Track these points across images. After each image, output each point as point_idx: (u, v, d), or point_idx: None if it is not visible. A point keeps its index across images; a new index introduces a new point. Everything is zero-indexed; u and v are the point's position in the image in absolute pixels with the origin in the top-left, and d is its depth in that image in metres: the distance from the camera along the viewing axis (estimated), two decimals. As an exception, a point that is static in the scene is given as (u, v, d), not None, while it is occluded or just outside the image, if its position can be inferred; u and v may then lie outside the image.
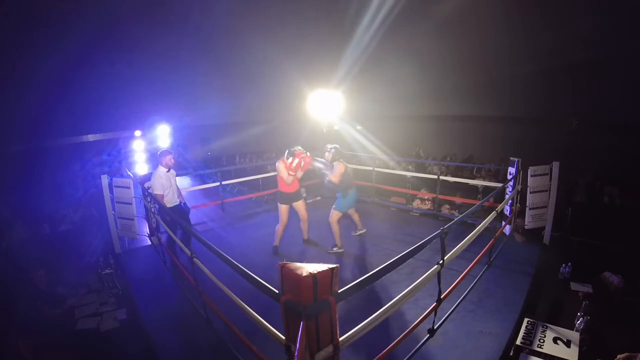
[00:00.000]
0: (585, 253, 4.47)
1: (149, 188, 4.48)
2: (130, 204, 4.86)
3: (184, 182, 8.24)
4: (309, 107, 7.28)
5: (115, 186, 4.89)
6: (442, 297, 2.62)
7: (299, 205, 4.69)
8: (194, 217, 5.90)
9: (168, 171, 4.29)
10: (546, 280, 3.88)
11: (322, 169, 4.66)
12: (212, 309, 2.73)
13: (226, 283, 2.54)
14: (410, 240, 3.94)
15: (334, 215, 4.56)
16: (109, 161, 9.23)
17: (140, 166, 8.50)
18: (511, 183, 4.88)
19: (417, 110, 11.37)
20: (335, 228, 4.57)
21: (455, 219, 3.09)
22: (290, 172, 4.43)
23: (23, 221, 5.59)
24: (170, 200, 4.31)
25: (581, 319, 2.89)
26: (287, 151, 4.47)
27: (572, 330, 2.85)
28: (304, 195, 7.29)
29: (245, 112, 11.89)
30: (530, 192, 4.83)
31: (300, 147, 4.50)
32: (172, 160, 4.31)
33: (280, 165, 4.42)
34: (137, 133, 8.58)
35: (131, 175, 5.70)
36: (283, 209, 4.60)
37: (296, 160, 4.39)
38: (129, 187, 4.86)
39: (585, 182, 6.80)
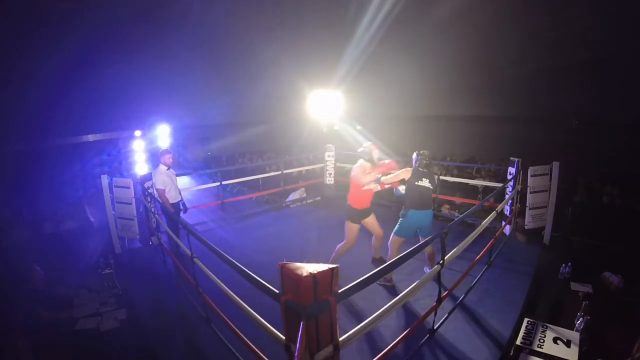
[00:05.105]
0: (585, 253, 4.47)
1: (149, 188, 4.50)
2: (130, 204, 4.86)
3: (184, 182, 8.24)
4: (309, 107, 7.27)
5: (115, 186, 4.89)
6: (442, 297, 2.62)
7: (370, 221, 3.84)
8: (194, 217, 5.91)
9: (168, 169, 4.42)
10: (546, 280, 3.88)
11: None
12: (212, 309, 2.73)
13: (226, 283, 2.54)
14: (410, 241, 3.93)
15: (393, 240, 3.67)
16: (109, 161, 9.23)
17: (140, 166, 8.49)
18: (511, 183, 4.88)
19: (417, 110, 11.38)
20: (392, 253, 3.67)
21: (455, 219, 3.09)
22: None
23: (23, 221, 5.59)
24: (172, 197, 4.44)
25: (581, 319, 2.89)
26: (362, 149, 3.68)
27: (572, 330, 2.85)
28: (304, 195, 7.30)
29: (245, 112, 11.90)
30: (530, 192, 4.82)
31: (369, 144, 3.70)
32: (171, 159, 4.45)
33: (357, 170, 3.61)
34: (137, 133, 8.57)
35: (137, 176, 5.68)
36: (353, 227, 3.74)
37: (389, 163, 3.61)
38: (129, 187, 4.86)
39: (585, 182, 6.79)
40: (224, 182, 6.15)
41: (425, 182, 3.50)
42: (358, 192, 3.64)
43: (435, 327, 2.78)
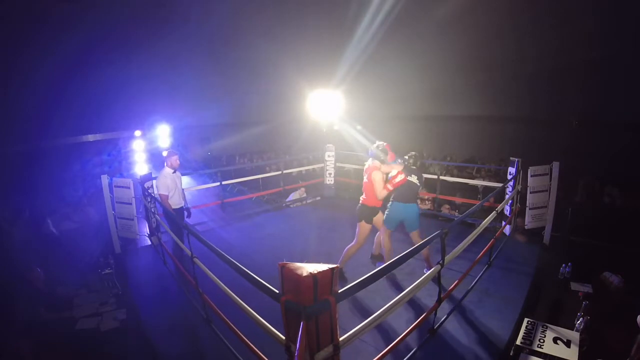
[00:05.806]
0: (585, 253, 4.46)
1: (149, 188, 4.48)
2: (130, 204, 4.86)
3: (184, 182, 8.24)
4: (309, 107, 7.28)
5: (115, 186, 4.89)
6: (442, 297, 2.62)
7: (379, 218, 3.86)
8: (194, 217, 5.89)
9: (174, 172, 4.25)
10: (546, 280, 3.88)
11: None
12: (212, 309, 2.73)
13: (226, 283, 2.54)
14: (410, 240, 3.94)
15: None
16: (109, 161, 9.22)
17: (140, 166, 8.50)
18: (511, 183, 4.88)
19: (417, 110, 11.37)
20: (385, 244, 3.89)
21: (456, 219, 3.09)
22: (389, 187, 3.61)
23: (24, 221, 5.59)
24: (175, 202, 4.27)
25: (581, 319, 2.89)
26: (372, 150, 3.72)
27: (572, 330, 2.85)
28: (304, 195, 7.30)
29: (245, 112, 11.90)
30: (530, 192, 4.82)
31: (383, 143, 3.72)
32: (178, 161, 4.26)
33: (377, 175, 3.63)
34: (137, 133, 8.57)
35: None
36: (366, 228, 3.75)
37: (400, 177, 3.59)
38: (129, 187, 4.86)
39: (585, 182, 6.79)
40: (224, 182, 6.15)
41: (413, 178, 3.76)
42: (374, 192, 3.66)
43: (435, 327, 2.78)
